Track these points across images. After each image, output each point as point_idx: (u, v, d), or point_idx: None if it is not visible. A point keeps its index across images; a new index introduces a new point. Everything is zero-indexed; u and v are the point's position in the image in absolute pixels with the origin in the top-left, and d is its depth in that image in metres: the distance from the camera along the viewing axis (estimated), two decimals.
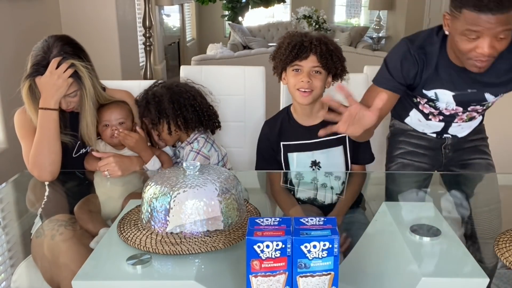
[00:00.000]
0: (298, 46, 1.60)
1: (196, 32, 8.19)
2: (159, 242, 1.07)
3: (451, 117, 1.67)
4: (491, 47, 1.33)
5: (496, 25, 1.28)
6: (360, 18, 8.82)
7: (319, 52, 1.60)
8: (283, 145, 1.75)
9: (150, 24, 3.95)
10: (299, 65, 1.63)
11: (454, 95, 1.56)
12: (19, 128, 1.68)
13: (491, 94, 1.56)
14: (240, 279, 0.92)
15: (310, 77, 1.61)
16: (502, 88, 1.55)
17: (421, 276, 0.97)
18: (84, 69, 1.61)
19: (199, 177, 1.13)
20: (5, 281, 1.20)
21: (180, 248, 1.04)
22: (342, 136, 1.71)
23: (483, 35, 1.32)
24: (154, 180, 1.15)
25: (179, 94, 1.82)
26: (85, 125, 1.67)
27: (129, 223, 1.18)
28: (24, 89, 1.61)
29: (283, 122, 1.77)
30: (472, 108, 1.62)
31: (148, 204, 1.12)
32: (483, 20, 1.29)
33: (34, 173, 1.62)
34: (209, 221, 1.10)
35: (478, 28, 1.31)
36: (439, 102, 1.60)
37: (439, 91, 1.56)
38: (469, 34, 1.34)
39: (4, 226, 1.45)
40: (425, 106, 1.67)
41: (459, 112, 1.64)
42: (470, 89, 1.53)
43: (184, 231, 1.08)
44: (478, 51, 1.34)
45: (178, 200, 1.08)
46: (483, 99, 1.57)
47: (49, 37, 1.63)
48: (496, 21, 1.28)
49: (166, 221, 1.09)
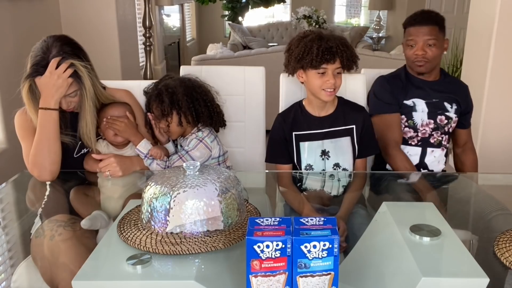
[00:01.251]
0: (327, 52, 1.72)
1: (196, 32, 8.19)
2: (159, 242, 1.07)
3: (425, 141, 2.02)
4: (422, 50, 1.93)
5: (423, 34, 1.93)
6: (360, 18, 8.82)
7: (344, 56, 1.75)
8: (295, 135, 1.86)
9: (150, 24, 3.95)
10: (325, 68, 1.74)
11: (426, 103, 2.00)
12: (19, 129, 1.68)
13: (448, 103, 2.01)
14: (240, 279, 0.92)
15: (334, 78, 1.75)
16: (454, 100, 2.02)
17: (421, 276, 0.97)
18: (83, 69, 1.62)
19: (199, 177, 1.14)
20: (5, 281, 1.20)
21: (180, 248, 1.04)
22: (350, 127, 1.86)
23: (417, 42, 1.95)
24: (154, 180, 1.15)
25: (192, 88, 1.85)
26: (85, 125, 1.67)
27: (129, 223, 1.18)
28: (24, 90, 1.61)
29: (295, 113, 1.90)
30: (439, 119, 2.01)
31: (148, 204, 1.12)
32: (415, 31, 1.95)
33: (34, 173, 1.62)
34: (209, 221, 1.10)
35: (413, 37, 1.95)
36: (416, 111, 2.00)
37: (416, 100, 2.01)
38: (409, 43, 1.97)
39: (4, 226, 1.45)
40: (405, 131, 2.03)
41: (430, 126, 2.00)
42: (434, 99, 2.01)
43: (184, 231, 1.08)
44: (415, 52, 1.95)
45: (178, 200, 1.08)
46: (444, 108, 2.01)
47: (48, 37, 1.63)
48: (423, 31, 1.93)
49: (166, 221, 1.09)
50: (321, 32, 1.80)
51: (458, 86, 2.08)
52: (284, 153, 1.88)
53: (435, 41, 1.92)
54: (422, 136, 2.02)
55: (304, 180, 1.89)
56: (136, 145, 1.74)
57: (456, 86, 2.07)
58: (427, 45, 1.93)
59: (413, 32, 1.95)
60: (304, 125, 1.87)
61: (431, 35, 1.92)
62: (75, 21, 3.31)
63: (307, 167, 1.85)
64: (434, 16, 1.97)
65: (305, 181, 1.89)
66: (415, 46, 1.95)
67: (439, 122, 2.01)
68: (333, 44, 1.73)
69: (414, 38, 1.95)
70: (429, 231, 1.16)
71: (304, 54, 1.74)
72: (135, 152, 1.77)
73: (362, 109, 1.91)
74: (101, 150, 1.77)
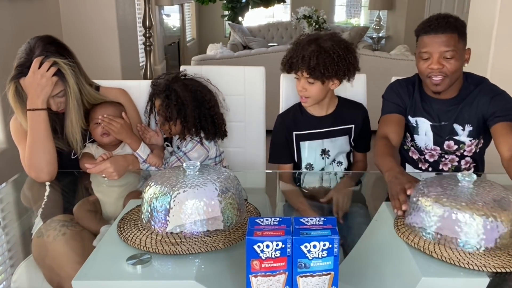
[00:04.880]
0: (289, 62, 1.76)
1: (196, 32, 8.19)
2: (159, 242, 1.07)
3: (436, 164, 1.80)
4: (439, 63, 1.60)
5: (440, 44, 1.58)
6: (360, 18, 8.82)
7: (305, 69, 1.72)
8: (296, 134, 1.89)
9: (150, 24, 3.95)
10: (297, 75, 1.79)
11: (431, 125, 1.75)
12: (14, 134, 1.68)
13: (458, 125, 1.72)
14: (240, 279, 0.92)
15: (305, 86, 1.77)
16: (467, 122, 1.70)
17: (421, 276, 0.97)
18: (66, 67, 1.60)
19: (199, 177, 1.14)
20: (5, 281, 1.20)
21: (180, 248, 1.04)
22: (349, 127, 1.89)
23: (432, 54, 1.60)
24: (154, 180, 1.15)
25: (202, 103, 1.81)
26: (70, 124, 1.65)
27: (129, 223, 1.17)
28: (10, 93, 1.59)
29: (295, 114, 1.92)
30: (447, 145, 1.75)
31: (148, 204, 1.12)
32: (430, 40, 1.60)
33: (32, 175, 1.62)
34: (209, 221, 1.10)
35: (428, 49, 1.61)
36: (419, 134, 1.78)
37: (420, 119, 1.76)
38: (423, 56, 1.63)
39: (4, 226, 1.45)
40: (412, 151, 1.84)
41: (437, 150, 1.77)
42: (443, 122, 1.73)
43: (184, 231, 1.08)
44: (430, 66, 1.61)
45: (178, 200, 1.08)
46: (454, 131, 1.72)
47: (32, 38, 1.62)
48: (440, 40, 1.58)
49: (166, 221, 1.09)
50: (301, 40, 1.78)
51: (479, 99, 1.68)
52: (285, 153, 1.91)
53: (454, 52, 1.58)
54: (430, 160, 1.79)
55: (302, 178, 1.92)
56: (133, 148, 1.72)
57: (475, 99, 1.68)
58: (444, 57, 1.59)
59: (427, 41, 1.61)
60: (304, 125, 1.88)
61: (449, 46, 1.58)
62: (75, 21, 3.31)
63: (307, 166, 1.89)
64: (453, 22, 1.60)
65: (303, 180, 1.92)
66: (429, 59, 1.61)
67: (446, 148, 1.76)
68: (295, 55, 1.72)
69: (428, 49, 1.60)
70: None
71: (284, 58, 1.81)
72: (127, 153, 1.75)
73: (361, 107, 1.94)
74: (92, 152, 1.75)
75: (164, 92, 1.77)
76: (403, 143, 1.87)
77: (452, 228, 1.04)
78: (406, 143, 1.86)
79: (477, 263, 0.99)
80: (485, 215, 1.02)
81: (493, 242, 1.02)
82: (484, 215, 1.02)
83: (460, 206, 1.03)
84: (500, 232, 1.02)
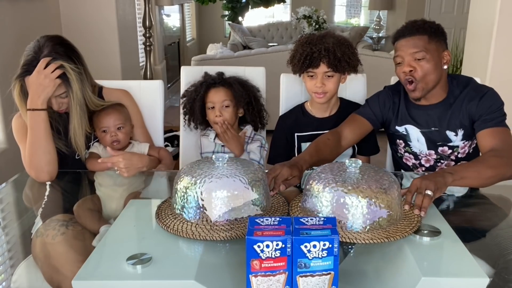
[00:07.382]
0: (309, 57, 1.74)
1: (196, 32, 8.19)
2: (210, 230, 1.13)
3: (432, 169, 1.76)
4: (409, 65, 1.61)
5: (408, 46, 1.61)
6: (360, 18, 8.82)
7: (326, 62, 1.74)
8: (298, 136, 1.90)
9: (150, 24, 3.95)
10: (313, 72, 1.78)
11: (421, 132, 1.72)
12: (16, 133, 1.67)
13: (451, 131, 1.69)
14: (240, 279, 0.92)
15: (323, 82, 1.77)
16: (459, 127, 1.67)
17: (421, 276, 0.97)
18: (72, 72, 1.59)
19: (227, 168, 1.20)
20: (5, 281, 1.20)
21: (234, 233, 1.12)
22: None
23: (404, 57, 1.62)
24: (184, 171, 1.20)
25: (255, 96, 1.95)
26: (73, 129, 1.65)
27: (166, 211, 1.25)
28: (15, 90, 1.59)
29: (297, 115, 1.93)
30: (441, 150, 1.73)
31: (182, 194, 1.17)
32: (401, 45, 1.63)
33: (32, 174, 1.62)
34: (240, 209, 1.15)
35: (399, 52, 1.64)
36: (411, 141, 1.76)
37: (408, 126, 1.74)
38: (396, 60, 1.66)
39: (4, 226, 1.45)
40: (406, 157, 1.81)
41: (432, 155, 1.74)
42: (433, 128, 1.71)
43: (217, 220, 1.14)
44: (403, 70, 1.63)
45: (209, 190, 1.13)
46: (447, 138, 1.70)
47: (41, 37, 1.61)
48: (409, 43, 1.61)
49: (199, 210, 1.14)
50: (312, 36, 1.80)
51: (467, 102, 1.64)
52: (284, 154, 1.89)
53: (423, 53, 1.58)
54: (426, 165, 1.77)
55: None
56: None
57: (463, 104, 1.65)
58: (415, 59, 1.60)
59: (398, 46, 1.65)
60: (306, 126, 1.89)
61: (417, 47, 1.59)
62: (75, 21, 3.31)
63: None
64: (422, 24, 1.62)
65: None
66: (402, 63, 1.63)
67: (441, 153, 1.73)
68: (316, 49, 1.73)
69: (399, 53, 1.63)
70: (429, 231, 1.16)
71: (293, 59, 1.80)
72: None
73: None
74: (98, 152, 1.75)
75: (228, 80, 1.91)
76: (396, 150, 1.86)
77: (341, 210, 1.13)
78: (399, 151, 1.83)
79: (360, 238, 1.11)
80: (369, 197, 1.12)
81: (375, 221, 1.13)
82: (367, 197, 1.12)
83: (347, 190, 1.13)
84: (381, 212, 1.12)
